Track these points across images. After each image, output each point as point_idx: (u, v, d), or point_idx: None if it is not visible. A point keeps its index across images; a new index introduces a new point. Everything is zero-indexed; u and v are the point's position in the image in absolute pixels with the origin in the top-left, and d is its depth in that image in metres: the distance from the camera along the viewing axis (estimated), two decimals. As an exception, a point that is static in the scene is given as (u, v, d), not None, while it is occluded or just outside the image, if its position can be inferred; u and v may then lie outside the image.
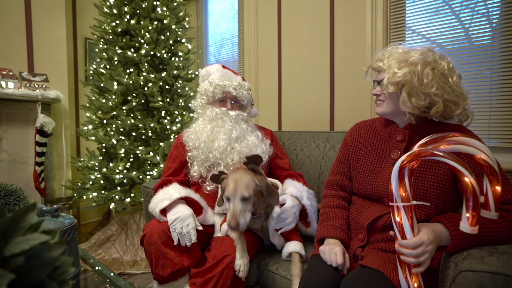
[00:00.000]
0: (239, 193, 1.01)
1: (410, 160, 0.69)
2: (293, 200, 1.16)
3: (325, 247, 0.94)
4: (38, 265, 0.42)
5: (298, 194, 1.19)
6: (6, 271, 0.35)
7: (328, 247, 0.93)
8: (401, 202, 0.72)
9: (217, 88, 1.35)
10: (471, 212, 0.65)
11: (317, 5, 2.09)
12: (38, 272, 0.42)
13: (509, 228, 0.74)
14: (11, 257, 0.40)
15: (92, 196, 2.03)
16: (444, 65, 0.89)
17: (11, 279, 0.35)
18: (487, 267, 0.64)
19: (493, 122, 1.55)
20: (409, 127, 0.98)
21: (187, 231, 1.08)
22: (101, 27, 2.16)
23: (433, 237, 0.73)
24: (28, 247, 0.41)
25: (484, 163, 0.65)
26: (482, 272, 0.64)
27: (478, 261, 0.67)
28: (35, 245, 0.42)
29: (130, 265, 1.95)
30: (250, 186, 1.03)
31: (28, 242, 0.41)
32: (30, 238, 0.42)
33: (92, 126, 2.11)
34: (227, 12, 2.76)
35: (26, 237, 0.42)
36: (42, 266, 0.42)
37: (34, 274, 0.41)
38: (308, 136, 1.73)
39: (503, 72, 1.52)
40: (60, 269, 0.44)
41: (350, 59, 1.97)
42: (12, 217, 0.42)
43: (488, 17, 1.58)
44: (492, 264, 0.65)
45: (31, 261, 0.41)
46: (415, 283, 0.72)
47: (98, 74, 2.14)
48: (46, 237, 0.42)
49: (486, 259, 0.67)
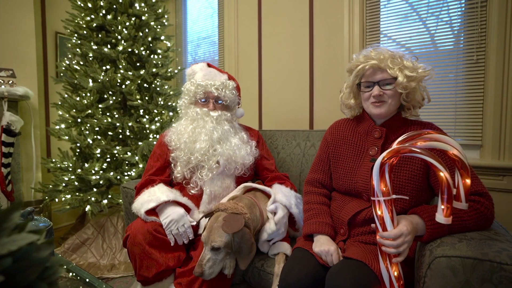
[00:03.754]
0: (210, 242, 0.98)
1: (390, 157, 0.74)
2: (283, 209, 1.17)
3: (320, 249, 0.95)
4: (27, 266, 0.41)
5: (287, 203, 1.19)
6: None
7: (323, 249, 0.94)
8: (382, 197, 0.76)
9: (199, 88, 1.33)
10: (445, 204, 0.70)
11: (297, 7, 2.14)
12: (28, 274, 0.41)
13: (476, 217, 0.81)
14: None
15: (65, 199, 1.93)
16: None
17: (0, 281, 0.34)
18: (458, 252, 0.70)
19: (458, 121, 1.68)
20: (385, 125, 1.03)
21: (183, 231, 1.13)
22: (75, 21, 2.05)
23: (411, 228, 0.78)
24: (15, 247, 0.40)
25: (456, 158, 0.71)
26: (454, 257, 0.70)
27: (450, 248, 0.73)
28: (22, 246, 0.40)
29: (107, 269, 1.88)
30: (223, 238, 0.97)
31: (15, 243, 0.40)
32: (16, 239, 0.41)
33: (65, 125, 2.01)
34: (205, 11, 2.74)
35: (12, 237, 0.41)
36: (31, 267, 0.41)
37: (23, 275, 0.40)
38: (289, 134, 1.76)
39: (467, 74, 1.65)
40: (49, 270, 0.42)
41: (329, 60, 2.04)
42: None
43: (451, 24, 1.71)
44: (462, 249, 0.71)
45: (19, 262, 0.40)
46: (395, 271, 0.77)
47: (71, 71, 2.03)
48: (34, 236, 0.40)
49: (457, 245, 0.73)
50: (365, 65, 0.98)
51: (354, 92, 1.09)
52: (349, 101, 1.10)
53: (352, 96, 1.09)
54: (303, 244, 1.05)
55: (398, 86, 0.94)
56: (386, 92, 0.96)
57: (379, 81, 0.97)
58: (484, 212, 0.82)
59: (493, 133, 1.57)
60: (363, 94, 1.03)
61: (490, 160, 1.58)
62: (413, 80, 0.93)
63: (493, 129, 1.57)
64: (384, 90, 0.96)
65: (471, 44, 1.63)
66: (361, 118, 1.11)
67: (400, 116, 1.03)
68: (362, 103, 1.06)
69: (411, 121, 1.03)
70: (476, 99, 1.63)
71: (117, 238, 2.05)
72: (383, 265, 0.80)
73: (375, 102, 0.98)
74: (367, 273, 0.83)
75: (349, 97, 1.10)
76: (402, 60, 0.95)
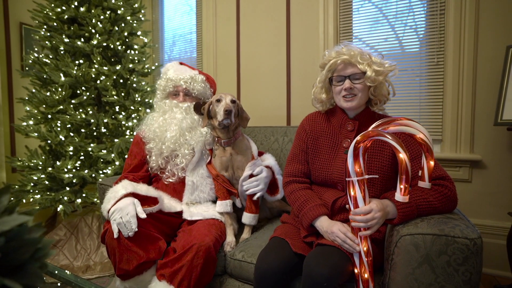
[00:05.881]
0: (229, 95, 1.33)
1: (363, 140, 0.81)
2: (267, 172, 1.35)
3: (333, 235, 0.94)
4: (20, 246, 0.42)
5: (276, 168, 1.41)
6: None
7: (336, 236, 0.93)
8: (355, 177, 0.83)
9: (169, 82, 1.41)
10: (404, 184, 0.79)
11: (275, 7, 2.20)
12: (21, 253, 0.42)
13: (441, 199, 0.90)
14: (-10, 239, 0.39)
15: (34, 199, 1.84)
16: None
17: (-5, 258, 0.35)
18: (420, 230, 0.79)
19: (422, 118, 1.83)
20: (358, 118, 1.10)
21: (126, 220, 1.05)
22: (43, 12, 1.96)
23: (381, 207, 0.86)
24: (8, 227, 0.41)
25: (423, 142, 0.80)
26: (417, 235, 0.79)
27: (414, 227, 0.82)
28: (14, 227, 0.41)
29: (82, 270, 1.82)
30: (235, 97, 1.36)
31: (7, 223, 0.41)
32: (8, 220, 0.42)
33: (34, 121, 1.90)
34: (182, 8, 2.72)
35: (2, 219, 0.42)
36: (24, 247, 0.42)
37: (16, 255, 0.41)
38: (268, 130, 1.82)
39: (429, 75, 1.80)
40: (41, 251, 0.44)
41: (305, 59, 2.12)
42: (-16, 200, 0.41)
43: (416, 29, 1.86)
44: (423, 227, 0.80)
45: (11, 242, 0.41)
46: (364, 247, 0.84)
47: (40, 64, 1.93)
48: (26, 217, 0.42)
49: (419, 224, 0.82)
50: (337, 60, 1.05)
51: (326, 87, 1.15)
52: (321, 96, 1.16)
53: (324, 91, 1.15)
54: (279, 233, 1.10)
55: (367, 80, 1.01)
56: (356, 86, 1.04)
57: (349, 75, 1.04)
58: (448, 194, 0.91)
59: (451, 129, 1.73)
60: (334, 88, 1.09)
61: (449, 153, 1.74)
62: (381, 74, 1.01)
63: (451, 125, 1.73)
64: (354, 84, 1.04)
65: (432, 47, 1.78)
66: (333, 112, 1.18)
67: (370, 110, 1.11)
68: (334, 97, 1.12)
69: (381, 116, 1.12)
70: (437, 97, 1.79)
71: (92, 239, 1.99)
72: (354, 242, 0.87)
73: (346, 95, 1.05)
74: (341, 257, 0.90)
75: (321, 92, 1.16)
76: (370, 57, 1.03)
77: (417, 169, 0.96)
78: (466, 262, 0.73)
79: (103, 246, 1.96)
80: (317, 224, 1.02)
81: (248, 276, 1.14)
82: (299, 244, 1.02)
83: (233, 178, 1.37)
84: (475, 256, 0.73)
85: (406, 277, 0.79)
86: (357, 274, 0.88)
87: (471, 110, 1.68)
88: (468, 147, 1.70)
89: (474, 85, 1.67)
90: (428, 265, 0.77)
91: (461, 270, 0.74)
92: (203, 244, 1.07)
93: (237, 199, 1.37)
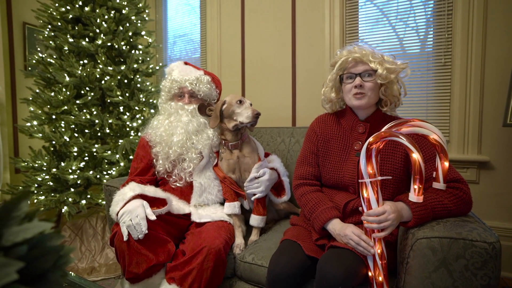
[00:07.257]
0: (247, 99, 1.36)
1: (376, 141, 0.80)
2: (270, 174, 1.33)
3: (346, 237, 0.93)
4: (42, 254, 0.41)
5: (281, 170, 1.41)
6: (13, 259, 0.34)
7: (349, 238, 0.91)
8: (368, 178, 0.82)
9: (174, 84, 1.38)
10: (418, 184, 0.78)
11: (280, 6, 2.18)
12: (43, 262, 0.41)
13: (456, 201, 0.89)
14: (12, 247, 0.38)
15: (39, 200, 1.82)
16: None
17: (19, 267, 0.34)
18: (436, 234, 0.78)
19: (429, 119, 1.82)
20: (369, 120, 1.09)
21: (136, 222, 1.03)
22: (47, 11, 1.94)
23: (395, 209, 0.85)
24: (30, 235, 0.40)
25: (436, 143, 0.79)
26: (433, 238, 0.78)
27: (430, 230, 0.81)
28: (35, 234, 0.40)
29: (87, 272, 1.81)
30: None
31: (29, 231, 0.40)
32: (29, 227, 0.40)
33: (38, 121, 1.89)
34: (186, 7, 2.71)
35: (23, 226, 0.40)
36: (46, 255, 0.41)
37: (38, 263, 0.40)
38: (274, 131, 1.81)
39: (436, 76, 1.79)
40: (62, 258, 0.43)
41: (311, 59, 2.11)
42: (3, 206, 0.40)
43: (417, 30, 1.85)
44: (440, 231, 0.79)
45: (34, 250, 0.40)
46: (378, 249, 0.83)
47: (44, 64, 1.92)
48: (47, 225, 0.40)
49: (435, 227, 0.81)
50: (348, 57, 1.04)
51: (336, 87, 1.14)
52: (331, 95, 1.14)
53: (334, 90, 1.14)
54: (291, 236, 1.09)
55: (378, 78, 1.00)
56: (366, 84, 1.02)
57: (360, 72, 1.02)
58: (463, 197, 0.90)
59: (458, 130, 1.72)
60: (345, 86, 1.08)
61: (456, 154, 1.73)
62: (392, 72, 1.00)
63: (459, 126, 1.72)
64: (364, 82, 1.02)
65: (439, 48, 1.77)
66: (344, 113, 1.16)
67: (381, 112, 1.10)
68: (344, 96, 1.10)
69: (392, 118, 1.11)
70: (444, 98, 1.78)
71: (96, 240, 1.97)
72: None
73: (356, 94, 1.03)
74: (355, 260, 0.89)
75: (331, 91, 1.14)
76: (382, 56, 1.02)
77: (431, 172, 0.95)
78: (485, 266, 0.72)
79: (108, 247, 1.94)
80: (329, 227, 1.00)
81: (258, 279, 1.13)
82: (311, 247, 1.01)
83: (240, 180, 1.35)
84: (494, 260, 0.72)
85: (423, 281, 0.78)
86: (371, 277, 0.87)
87: (479, 111, 1.67)
88: (475, 148, 1.69)
89: (482, 85, 1.66)
90: (445, 269, 0.76)
91: (480, 274, 0.73)
92: (213, 247, 1.06)
93: (245, 201, 1.36)
